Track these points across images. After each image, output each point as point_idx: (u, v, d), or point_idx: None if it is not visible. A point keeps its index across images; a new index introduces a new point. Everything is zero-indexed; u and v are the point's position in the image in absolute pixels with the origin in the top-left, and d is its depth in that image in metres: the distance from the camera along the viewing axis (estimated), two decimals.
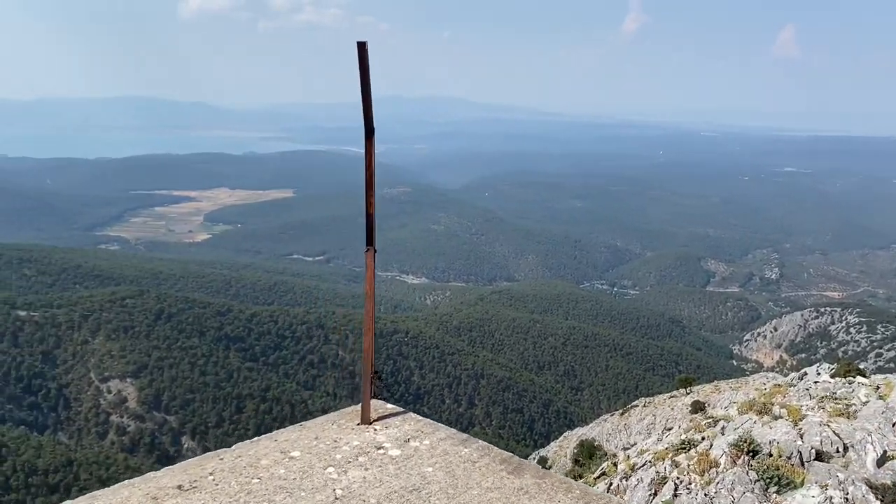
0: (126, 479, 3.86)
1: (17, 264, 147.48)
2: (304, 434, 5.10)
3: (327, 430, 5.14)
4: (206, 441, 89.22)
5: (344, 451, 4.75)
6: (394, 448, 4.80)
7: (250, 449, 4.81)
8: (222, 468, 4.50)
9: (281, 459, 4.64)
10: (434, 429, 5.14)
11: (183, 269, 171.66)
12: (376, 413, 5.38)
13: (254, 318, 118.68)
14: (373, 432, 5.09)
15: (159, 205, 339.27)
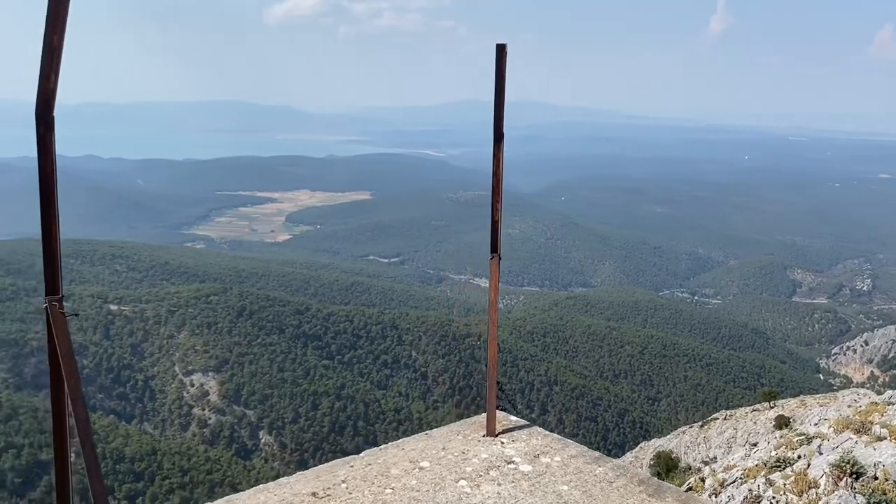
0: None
1: (109, 260, 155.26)
2: (430, 444, 5.08)
3: (454, 441, 5.09)
4: (283, 436, 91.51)
5: (474, 464, 4.66)
6: (524, 463, 4.69)
7: (379, 457, 4.89)
8: (354, 476, 4.55)
9: (411, 469, 4.62)
10: (563, 445, 5.07)
11: (264, 267, 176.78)
12: (501, 425, 5.32)
13: (331, 318, 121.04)
14: (500, 445, 5.00)
15: (243, 205, 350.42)
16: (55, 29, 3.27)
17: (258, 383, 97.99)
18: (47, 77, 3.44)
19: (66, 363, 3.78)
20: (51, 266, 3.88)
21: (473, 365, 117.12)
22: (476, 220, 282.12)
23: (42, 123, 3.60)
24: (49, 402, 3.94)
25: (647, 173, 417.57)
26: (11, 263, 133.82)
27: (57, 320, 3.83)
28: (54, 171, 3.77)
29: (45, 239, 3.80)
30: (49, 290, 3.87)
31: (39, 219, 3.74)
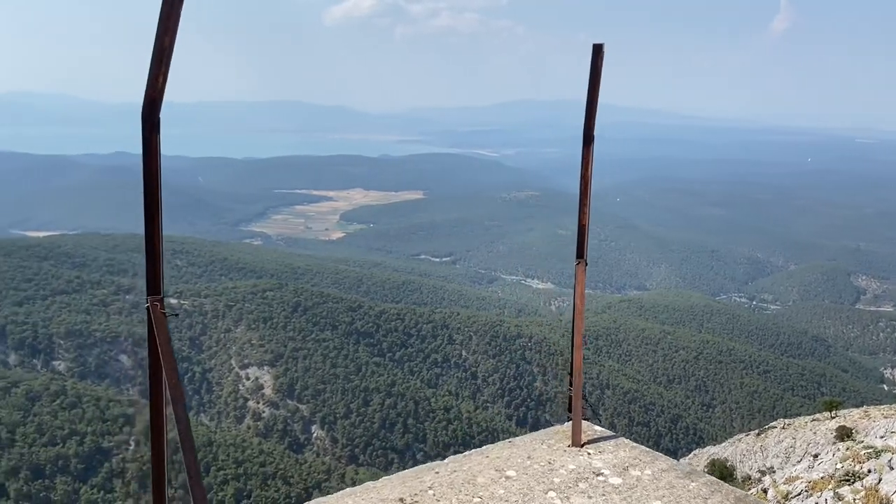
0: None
1: (170, 255, 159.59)
2: (514, 452, 5.00)
3: (538, 451, 5.02)
4: (334, 431, 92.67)
5: (561, 475, 4.59)
6: (614, 476, 4.59)
7: (463, 464, 4.75)
8: (440, 483, 4.48)
9: (497, 479, 4.54)
10: (652, 457, 4.91)
11: (319, 265, 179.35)
12: (585, 436, 5.23)
13: (382, 315, 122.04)
14: (587, 456, 4.92)
15: (299, 203, 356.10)
16: (167, 30, 3.30)
17: (311, 378, 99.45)
18: (156, 78, 3.48)
19: (167, 363, 3.86)
20: (153, 266, 3.90)
21: (524, 366, 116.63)
22: (529, 221, 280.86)
23: (148, 125, 3.66)
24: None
25: (705, 175, 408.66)
26: (76, 257, 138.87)
27: (158, 320, 3.86)
28: (159, 172, 3.81)
29: (148, 240, 3.86)
30: (151, 289, 3.90)
31: (143, 220, 3.81)
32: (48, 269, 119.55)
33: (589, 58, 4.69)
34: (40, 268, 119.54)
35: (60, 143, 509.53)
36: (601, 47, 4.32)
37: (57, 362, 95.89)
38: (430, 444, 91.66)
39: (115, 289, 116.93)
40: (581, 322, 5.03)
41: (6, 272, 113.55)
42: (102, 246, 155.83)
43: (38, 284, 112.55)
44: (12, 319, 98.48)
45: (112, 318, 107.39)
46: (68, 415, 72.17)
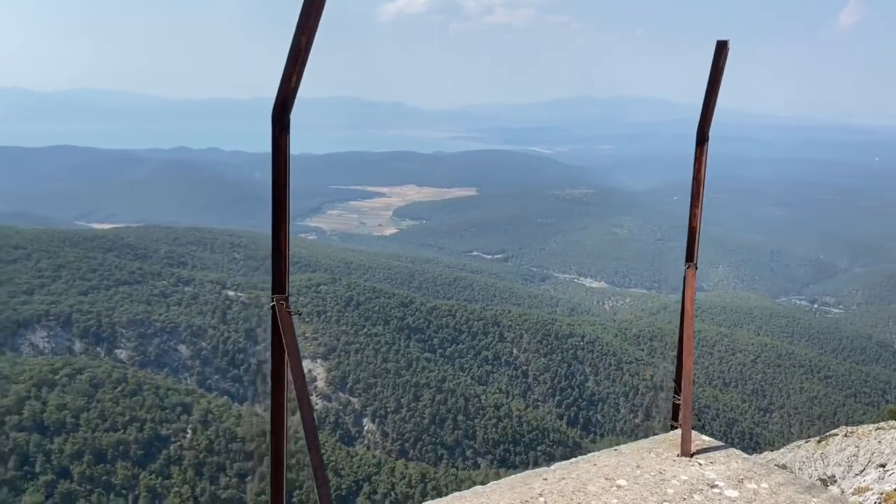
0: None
1: (228, 248, 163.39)
2: (622, 460, 4.91)
3: (647, 459, 4.91)
4: (385, 425, 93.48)
5: (675, 486, 4.46)
6: (729, 488, 4.40)
7: (571, 471, 4.66)
8: (550, 490, 4.40)
9: (608, 487, 4.44)
10: (767, 470, 4.71)
11: (371, 260, 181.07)
12: (694, 445, 5.10)
13: (433, 311, 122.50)
14: (698, 467, 4.77)
15: (354, 199, 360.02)
16: (304, 29, 3.27)
17: (363, 372, 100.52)
18: (289, 78, 3.51)
19: (293, 362, 3.91)
20: (279, 265, 4.07)
21: (576, 366, 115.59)
22: (583, 219, 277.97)
23: (278, 125, 3.80)
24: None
25: (766, 174, 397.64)
26: (139, 249, 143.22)
27: (284, 319, 3.93)
28: (287, 172, 3.96)
29: (274, 238, 4.01)
30: (276, 288, 4.04)
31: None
32: (112, 261, 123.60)
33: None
34: (104, 259, 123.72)
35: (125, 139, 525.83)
36: (725, 45, 4.15)
37: (119, 351, 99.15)
38: (480, 441, 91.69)
39: (175, 280, 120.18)
40: (691, 327, 4.90)
41: (72, 262, 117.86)
42: (164, 238, 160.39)
43: (102, 275, 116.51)
44: (78, 308, 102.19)
45: (171, 309, 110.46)
46: (129, 402, 74.54)
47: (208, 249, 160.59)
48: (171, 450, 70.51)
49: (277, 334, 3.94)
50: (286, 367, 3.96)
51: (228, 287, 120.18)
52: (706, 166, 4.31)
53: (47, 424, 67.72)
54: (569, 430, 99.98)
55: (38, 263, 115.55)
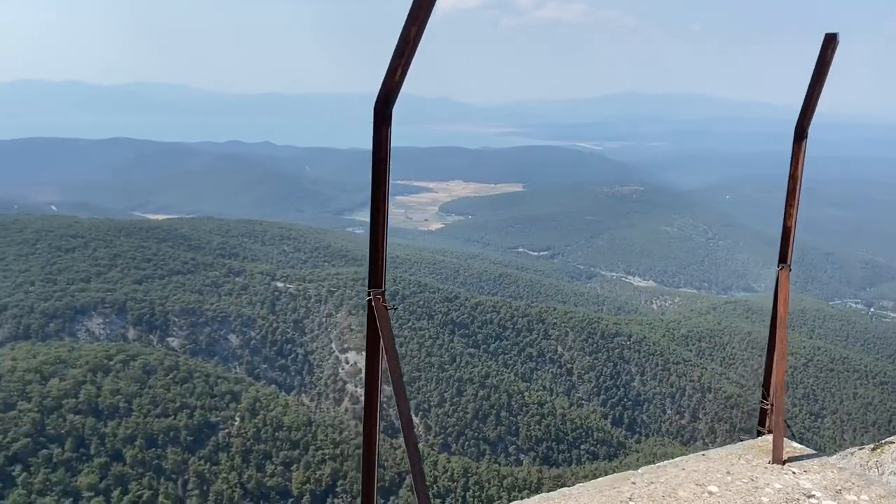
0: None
1: (278, 241, 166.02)
2: (711, 466, 4.76)
3: (737, 466, 4.76)
4: (428, 419, 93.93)
5: (768, 494, 4.31)
6: (827, 499, 4.25)
7: (659, 475, 4.56)
8: (640, 494, 4.33)
9: (699, 493, 4.34)
10: (866, 482, 4.51)
11: (417, 255, 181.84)
12: (785, 452, 4.96)
13: (478, 307, 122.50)
14: (792, 475, 4.61)
15: (400, 194, 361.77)
16: (415, 21, 3.18)
17: (407, 366, 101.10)
18: (394, 70, 3.45)
19: (390, 357, 3.94)
20: (376, 260, 4.07)
21: (622, 365, 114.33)
22: (632, 217, 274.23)
23: (379, 118, 3.77)
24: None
25: (822, 173, 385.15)
26: (192, 239, 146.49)
27: (380, 313, 4.01)
28: (387, 168, 3.93)
29: (372, 233, 3.98)
30: (372, 282, 4.08)
31: None
32: (166, 251, 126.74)
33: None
34: (159, 249, 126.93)
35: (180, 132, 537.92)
36: (834, 37, 3.98)
37: (171, 339, 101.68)
38: (523, 437, 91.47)
39: (227, 271, 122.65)
40: (784, 331, 4.73)
41: (127, 252, 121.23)
42: (216, 230, 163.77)
43: (156, 264, 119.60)
44: (132, 296, 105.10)
45: (223, 299, 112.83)
46: (180, 389, 76.43)
47: (259, 241, 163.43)
48: (220, 437, 72.09)
49: (374, 328, 4.05)
50: (381, 360, 4.04)
51: (278, 279, 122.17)
52: (803, 164, 4.14)
53: (102, 408, 69.91)
54: (613, 430, 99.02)
55: (95, 252, 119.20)
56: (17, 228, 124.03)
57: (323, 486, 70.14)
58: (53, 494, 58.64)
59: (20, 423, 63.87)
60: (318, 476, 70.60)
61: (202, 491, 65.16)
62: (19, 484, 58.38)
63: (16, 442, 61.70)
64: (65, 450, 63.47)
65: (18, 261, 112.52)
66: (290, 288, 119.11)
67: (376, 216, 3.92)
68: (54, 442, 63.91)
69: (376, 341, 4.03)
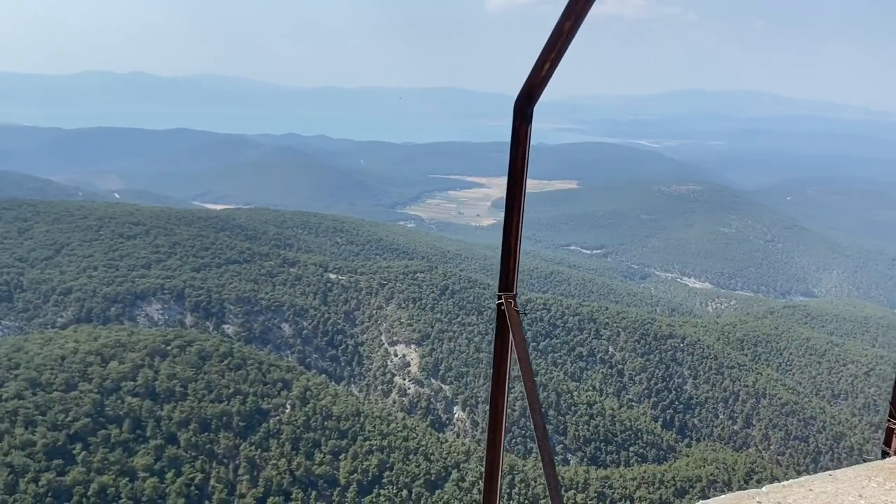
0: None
1: (331, 233, 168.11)
2: (840, 488, 4.41)
3: (868, 489, 4.36)
4: (475, 414, 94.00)
5: None
6: None
7: (786, 496, 4.31)
8: None
9: None
10: None
11: (468, 250, 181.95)
12: None
13: (528, 304, 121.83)
14: None
15: (453, 189, 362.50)
16: (571, 13, 3.03)
17: (455, 360, 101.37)
18: (542, 64, 3.25)
19: (523, 365, 3.70)
20: (507, 262, 3.90)
21: (674, 368, 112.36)
22: (689, 216, 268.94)
23: (519, 115, 3.51)
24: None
25: (890, 176, 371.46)
26: (248, 230, 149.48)
27: (512, 318, 3.79)
28: (525, 165, 3.67)
29: (505, 234, 3.80)
30: (503, 286, 3.90)
31: None
32: (223, 240, 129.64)
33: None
34: (217, 238, 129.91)
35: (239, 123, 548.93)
36: None
37: (226, 326, 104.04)
38: (571, 437, 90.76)
39: (281, 261, 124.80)
40: None
41: (186, 240, 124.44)
42: (272, 221, 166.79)
43: (213, 253, 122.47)
44: (190, 284, 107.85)
45: (277, 289, 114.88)
46: (234, 375, 78.15)
47: (313, 233, 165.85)
48: (271, 423, 73.46)
49: (504, 332, 3.79)
50: (509, 364, 3.79)
51: (330, 270, 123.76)
52: None
53: (158, 392, 71.99)
54: (663, 433, 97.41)
55: (156, 240, 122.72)
56: (81, 215, 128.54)
57: (370, 476, 70.89)
58: (111, 473, 60.65)
59: (81, 403, 66.25)
60: (365, 466, 71.38)
61: (252, 476, 66.55)
62: (79, 462, 60.57)
63: (77, 421, 64.03)
64: (122, 431, 65.59)
65: (83, 246, 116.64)
66: (342, 280, 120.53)
67: (510, 217, 3.74)
68: (113, 423, 66.11)
69: (505, 346, 3.78)
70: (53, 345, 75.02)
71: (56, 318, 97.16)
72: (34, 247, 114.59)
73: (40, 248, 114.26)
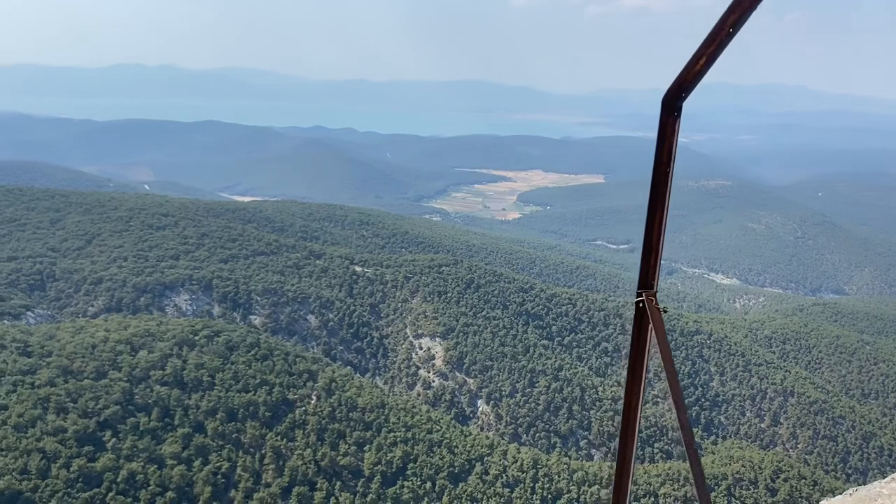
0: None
1: (357, 226, 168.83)
2: None
3: None
4: (499, 408, 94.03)
5: None
6: None
7: None
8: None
9: None
10: None
11: (493, 244, 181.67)
12: None
13: (553, 299, 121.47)
14: None
15: (478, 182, 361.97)
16: (737, 7, 2.95)
17: (480, 354, 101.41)
18: (698, 59, 3.19)
19: (667, 361, 3.61)
20: (648, 259, 3.75)
21: (700, 364, 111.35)
22: (717, 212, 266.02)
23: (668, 108, 3.46)
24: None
25: None
26: (275, 222, 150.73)
27: (654, 316, 3.74)
28: (671, 160, 3.57)
29: (648, 230, 3.65)
30: (643, 283, 3.79)
31: None
32: (251, 232, 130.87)
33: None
34: (244, 230, 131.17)
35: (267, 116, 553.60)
36: None
37: (253, 317, 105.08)
38: (595, 432, 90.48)
39: (308, 253, 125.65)
40: None
41: (215, 232, 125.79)
42: (299, 213, 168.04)
43: (241, 244, 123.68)
44: (218, 275, 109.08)
45: (303, 281, 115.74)
46: (260, 365, 78.95)
47: (339, 225, 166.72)
48: (297, 414, 74.12)
49: (643, 330, 3.77)
50: (646, 363, 3.81)
51: (356, 263, 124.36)
52: None
53: (186, 381, 72.99)
54: None
55: (184, 231, 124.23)
56: (112, 206, 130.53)
57: (394, 468, 71.28)
58: (140, 460, 61.68)
59: (111, 391, 67.41)
60: (389, 458, 71.78)
61: (278, 466, 67.26)
62: (109, 449, 61.67)
63: (107, 409, 65.18)
64: (151, 419, 66.63)
65: (113, 237, 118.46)
66: (368, 272, 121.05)
67: (654, 213, 3.54)
68: (142, 411, 67.18)
69: (643, 346, 3.81)
70: (84, 333, 76.32)
71: (87, 308, 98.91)
72: (66, 237, 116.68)
73: (72, 238, 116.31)
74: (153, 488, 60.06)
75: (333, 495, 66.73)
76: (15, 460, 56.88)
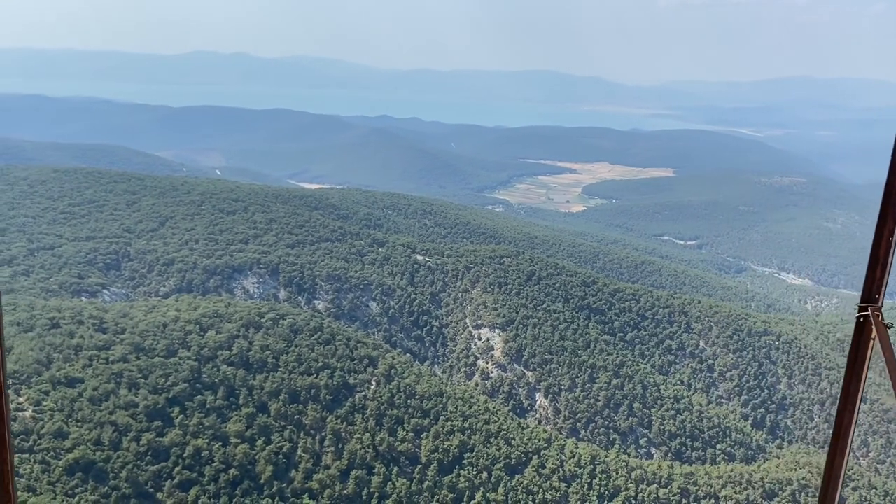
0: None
1: (420, 215, 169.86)
2: None
3: None
4: (557, 402, 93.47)
5: None
6: None
7: None
8: None
9: None
10: None
11: (556, 236, 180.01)
12: None
13: (616, 294, 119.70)
14: None
15: (543, 174, 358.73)
16: None
17: (539, 347, 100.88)
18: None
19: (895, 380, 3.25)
20: (874, 271, 3.56)
21: (768, 366, 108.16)
22: (790, 209, 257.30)
23: None
24: None
25: None
26: (340, 209, 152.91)
27: (880, 332, 3.42)
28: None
29: (876, 239, 3.49)
30: (867, 296, 3.52)
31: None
32: (317, 218, 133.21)
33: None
34: (311, 216, 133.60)
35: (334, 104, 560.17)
36: None
37: (317, 302, 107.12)
38: (655, 431, 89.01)
39: (371, 241, 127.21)
40: None
41: (283, 217, 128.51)
42: (363, 201, 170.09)
43: (307, 231, 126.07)
44: (284, 259, 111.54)
45: (366, 268, 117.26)
46: (323, 350, 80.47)
47: (402, 214, 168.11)
48: (356, 398, 75.33)
49: (862, 345, 3.41)
50: (864, 379, 3.45)
51: (418, 252, 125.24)
52: None
53: (252, 362, 74.99)
54: (753, 433, 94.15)
55: (254, 216, 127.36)
56: (185, 190, 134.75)
57: (450, 456, 71.75)
58: (205, 437, 63.77)
59: (180, 369, 69.80)
60: (446, 446, 72.27)
61: (337, 449, 68.55)
62: (176, 425, 63.93)
63: (175, 386, 67.54)
64: (217, 397, 68.75)
65: (185, 220, 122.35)
66: (429, 261, 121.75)
67: (884, 221, 3.32)
68: (208, 389, 69.38)
69: (861, 360, 3.39)
70: (156, 312, 79.21)
71: (159, 288, 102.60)
72: (141, 218, 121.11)
73: (147, 220, 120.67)
74: (217, 465, 62.05)
75: (390, 480, 67.63)
76: (89, 431, 59.57)
